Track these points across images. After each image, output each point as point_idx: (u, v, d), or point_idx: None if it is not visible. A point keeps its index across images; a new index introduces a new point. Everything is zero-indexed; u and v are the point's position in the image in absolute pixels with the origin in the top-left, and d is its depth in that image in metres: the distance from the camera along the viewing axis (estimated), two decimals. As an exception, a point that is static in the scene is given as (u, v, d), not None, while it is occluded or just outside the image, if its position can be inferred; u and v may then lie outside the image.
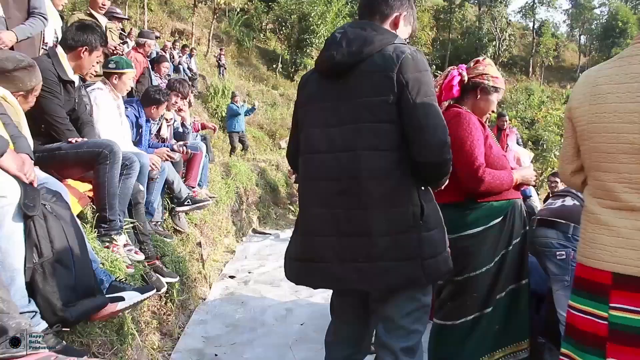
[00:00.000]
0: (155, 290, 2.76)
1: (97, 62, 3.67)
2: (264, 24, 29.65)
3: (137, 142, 4.80)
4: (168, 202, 5.10)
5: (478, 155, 2.60)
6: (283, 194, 13.14)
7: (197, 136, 6.63)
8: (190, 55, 17.34)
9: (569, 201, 2.98)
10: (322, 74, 2.16)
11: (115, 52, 5.18)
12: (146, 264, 3.65)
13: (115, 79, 4.32)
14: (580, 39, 56.35)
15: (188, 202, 4.95)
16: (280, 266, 6.84)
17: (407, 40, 2.18)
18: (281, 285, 5.71)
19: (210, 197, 6.86)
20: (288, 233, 9.21)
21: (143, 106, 4.83)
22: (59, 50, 3.28)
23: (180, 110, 5.57)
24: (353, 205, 2.01)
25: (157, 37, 14.64)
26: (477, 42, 43.01)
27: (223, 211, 7.83)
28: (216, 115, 16.24)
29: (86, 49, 3.31)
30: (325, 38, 16.44)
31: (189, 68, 16.60)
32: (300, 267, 2.21)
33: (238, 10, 28.03)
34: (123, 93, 4.45)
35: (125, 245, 3.29)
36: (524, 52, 49.96)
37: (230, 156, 12.44)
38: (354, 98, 2.01)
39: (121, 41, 5.58)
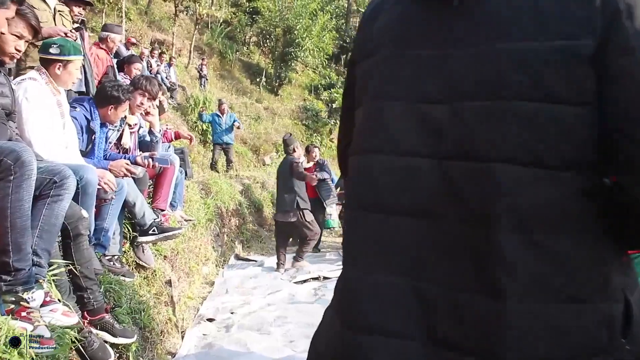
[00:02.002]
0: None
1: (21, 38, 2.59)
2: (247, 36, 28.76)
3: (89, 152, 3.71)
4: (129, 230, 4.00)
5: None
6: (268, 214, 12.05)
7: (169, 147, 5.52)
8: (170, 65, 16.24)
9: None
10: None
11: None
12: (85, 325, 2.53)
13: (59, 69, 3.23)
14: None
15: (154, 230, 3.83)
16: (268, 304, 5.78)
17: None
18: (271, 333, 4.61)
19: (186, 220, 5.80)
20: (274, 260, 8.12)
21: (97, 106, 3.73)
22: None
23: (147, 113, 4.47)
24: (471, 285, 0.90)
25: (134, 44, 13.60)
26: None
27: (202, 235, 6.72)
28: (196, 129, 15.12)
29: (-14, 4, 2.22)
30: (311, 51, 15.78)
31: (167, 77, 15.49)
32: None
33: (221, 22, 27.08)
34: (67, 86, 3.37)
35: (45, 304, 2.17)
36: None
37: (210, 170, 11.34)
38: (489, 40, 0.91)
39: (74, 27, 4.50)
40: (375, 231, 1.01)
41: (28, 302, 2.04)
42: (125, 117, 4.26)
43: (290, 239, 9.01)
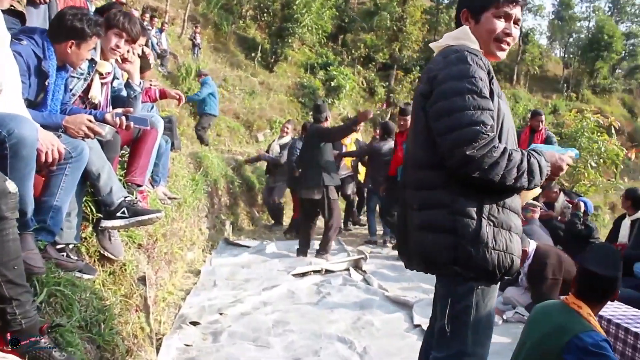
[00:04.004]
0: None
1: None
2: (244, 9, 27.61)
3: (41, 103, 2.73)
4: (92, 210, 3.03)
5: None
6: (259, 194, 11.11)
7: (152, 108, 4.52)
8: (161, 30, 15.15)
9: None
10: None
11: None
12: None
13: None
14: (561, 51, 55.64)
15: (123, 212, 2.86)
16: (264, 303, 4.80)
17: None
18: (270, 345, 3.70)
19: (170, 198, 4.84)
20: (268, 246, 7.19)
21: (52, 41, 2.74)
22: None
23: (125, 60, 3.47)
24: None
25: (122, 4, 12.46)
26: (465, 44, 41.68)
27: (187, 216, 5.78)
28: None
29: None
30: (309, 28, 14.94)
31: (158, 44, 14.41)
32: None
33: (217, -9, 25.87)
34: (2, 4, 2.39)
35: None
36: (509, 59, 48.94)
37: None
38: None
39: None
40: None
41: None
42: (94, 62, 3.28)
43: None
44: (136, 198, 3.24)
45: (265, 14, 25.07)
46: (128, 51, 3.44)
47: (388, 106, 25.58)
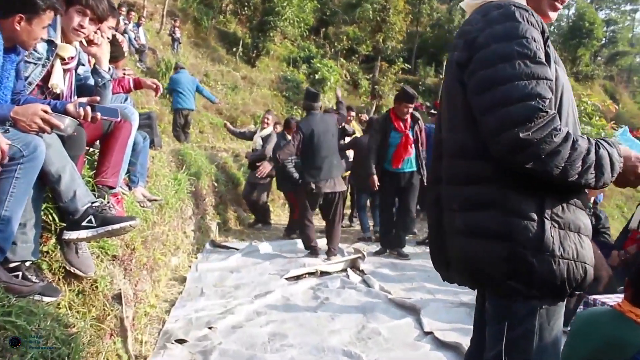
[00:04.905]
0: None
1: None
2: (224, 4, 27.08)
3: (-14, 93, 2.25)
4: (54, 219, 2.56)
5: None
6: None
7: (126, 99, 4.03)
8: (138, 25, 14.59)
9: None
10: None
11: None
12: None
13: None
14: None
15: (90, 220, 2.40)
16: (257, 313, 4.18)
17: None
18: (268, 364, 3.26)
19: (150, 200, 4.39)
20: (257, 247, 6.75)
21: (-2, 16, 2.27)
22: None
23: (90, 43, 2.98)
24: None
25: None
26: (447, 35, 41.39)
27: (170, 219, 5.30)
28: (167, 96, 13.52)
29: None
30: (291, 21, 14.82)
31: (135, 38, 13.87)
32: None
33: (196, -14, 25.31)
34: None
35: None
36: (493, 49, 49.15)
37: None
38: None
39: None
40: None
41: None
42: (54, 45, 2.80)
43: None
44: (108, 203, 2.77)
45: (245, 8, 24.66)
46: (95, 32, 2.96)
47: (373, 98, 25.22)
